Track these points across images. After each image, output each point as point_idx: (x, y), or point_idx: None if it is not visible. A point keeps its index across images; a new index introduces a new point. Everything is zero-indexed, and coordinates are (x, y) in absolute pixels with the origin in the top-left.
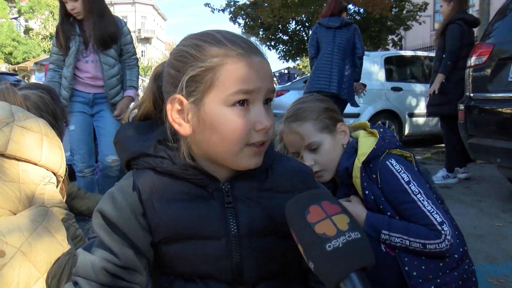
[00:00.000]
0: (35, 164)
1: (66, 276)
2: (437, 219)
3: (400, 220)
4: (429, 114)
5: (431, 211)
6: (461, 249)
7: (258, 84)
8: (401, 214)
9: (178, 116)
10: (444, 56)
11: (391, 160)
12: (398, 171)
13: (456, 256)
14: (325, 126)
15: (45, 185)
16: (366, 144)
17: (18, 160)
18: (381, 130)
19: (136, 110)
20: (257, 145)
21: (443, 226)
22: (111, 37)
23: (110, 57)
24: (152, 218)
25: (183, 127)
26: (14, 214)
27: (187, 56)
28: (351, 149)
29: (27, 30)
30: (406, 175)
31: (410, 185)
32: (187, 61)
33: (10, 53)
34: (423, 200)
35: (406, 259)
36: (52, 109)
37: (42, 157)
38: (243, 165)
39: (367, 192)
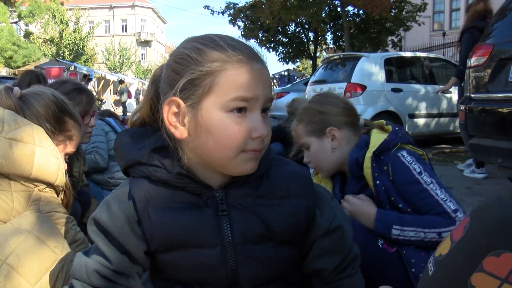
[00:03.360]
0: (26, 177)
1: (60, 284)
2: (451, 207)
3: (413, 212)
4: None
5: (444, 199)
6: None
7: (257, 92)
8: (414, 205)
9: (174, 119)
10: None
11: (403, 152)
12: (410, 162)
13: None
14: (312, 130)
15: (40, 191)
16: (378, 138)
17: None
18: (396, 128)
19: (137, 114)
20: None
21: (457, 214)
22: None
23: None
24: (147, 227)
25: (179, 131)
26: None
27: (187, 59)
28: (363, 143)
29: (27, 34)
30: (417, 166)
31: (422, 176)
32: (187, 64)
33: (11, 57)
34: (436, 189)
35: (404, 252)
36: (53, 112)
37: (33, 169)
38: (238, 170)
39: (378, 182)
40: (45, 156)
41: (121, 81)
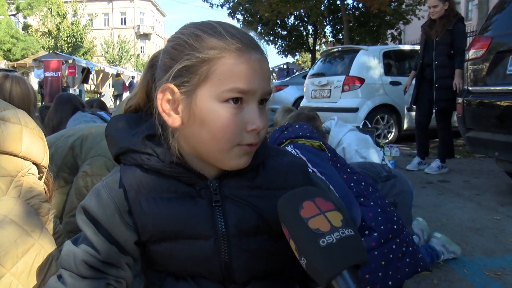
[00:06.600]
0: (16, 155)
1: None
2: None
3: None
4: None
5: None
6: (382, 227)
7: (254, 86)
8: None
9: (168, 107)
10: (455, 52)
11: (288, 147)
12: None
13: (375, 234)
14: None
15: (22, 176)
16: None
17: None
18: (297, 126)
19: (132, 99)
20: (247, 144)
21: None
22: None
23: None
24: (138, 217)
25: (172, 119)
26: None
27: (184, 45)
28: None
29: (26, 27)
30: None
31: None
32: (183, 50)
33: (9, 50)
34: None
35: None
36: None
37: (23, 148)
38: (231, 164)
39: None
40: (32, 135)
41: (117, 75)
